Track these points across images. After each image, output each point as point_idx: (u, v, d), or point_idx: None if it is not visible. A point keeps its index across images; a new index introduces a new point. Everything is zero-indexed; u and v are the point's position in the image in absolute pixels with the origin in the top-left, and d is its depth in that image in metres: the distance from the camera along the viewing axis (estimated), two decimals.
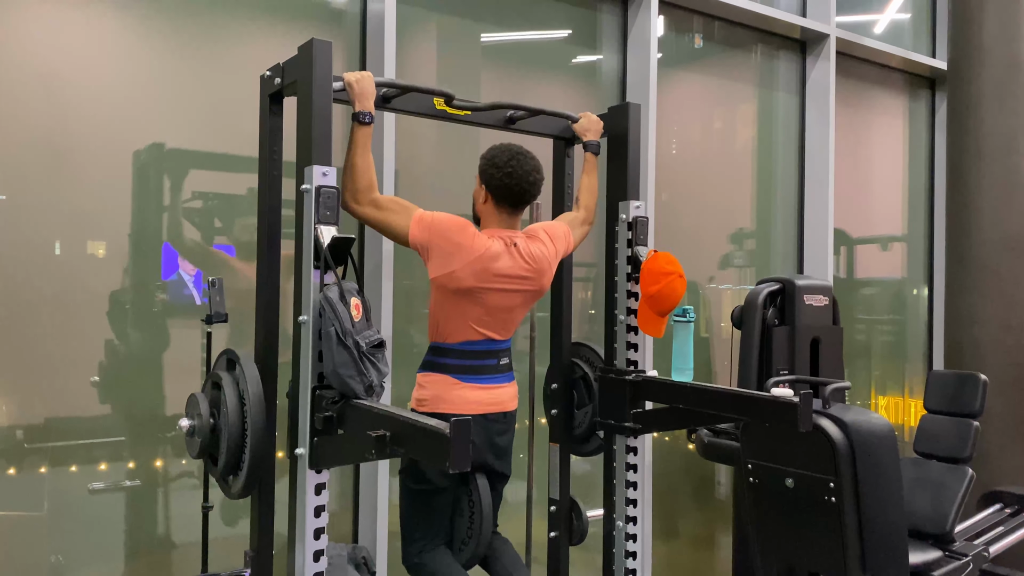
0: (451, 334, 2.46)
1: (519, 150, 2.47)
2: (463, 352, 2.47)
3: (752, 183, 4.69)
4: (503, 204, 2.48)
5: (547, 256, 2.53)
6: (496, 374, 2.52)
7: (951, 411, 3.64)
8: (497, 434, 2.52)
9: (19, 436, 2.72)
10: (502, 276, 2.42)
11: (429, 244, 2.37)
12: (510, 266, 2.44)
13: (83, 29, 2.80)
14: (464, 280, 2.37)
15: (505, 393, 2.55)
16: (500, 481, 2.63)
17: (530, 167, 2.46)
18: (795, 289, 3.58)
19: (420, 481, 2.49)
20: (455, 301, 2.42)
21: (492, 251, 2.40)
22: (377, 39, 3.17)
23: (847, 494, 2.78)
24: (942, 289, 5.19)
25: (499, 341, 2.53)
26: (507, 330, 2.54)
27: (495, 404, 2.50)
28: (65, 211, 2.76)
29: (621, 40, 4.04)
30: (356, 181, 2.29)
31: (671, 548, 4.32)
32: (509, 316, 2.51)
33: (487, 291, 2.41)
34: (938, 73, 5.44)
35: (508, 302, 2.47)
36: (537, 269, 2.50)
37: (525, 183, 2.45)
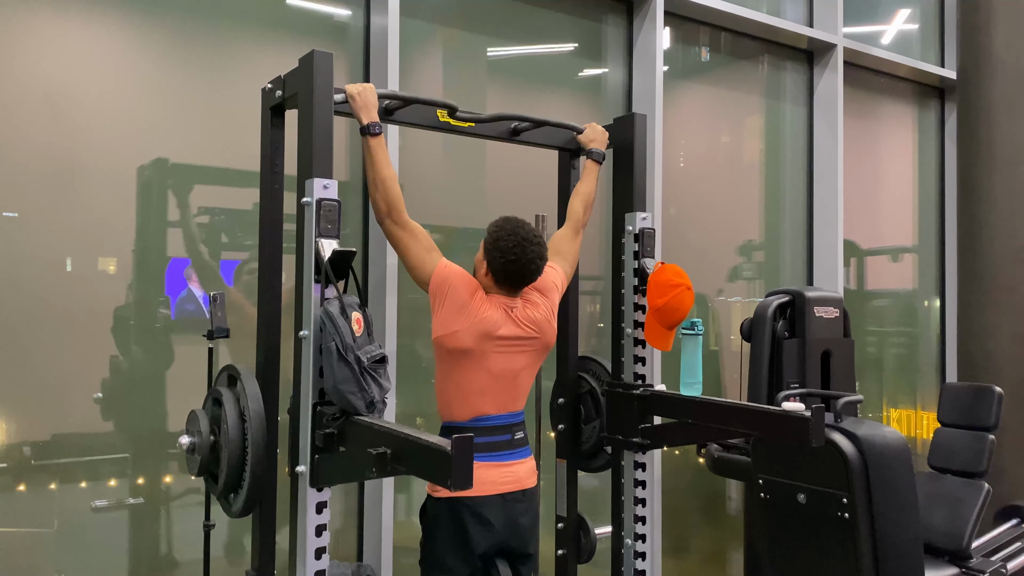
0: (461, 411, 2.39)
1: (525, 236, 2.37)
2: (475, 430, 2.34)
3: (760, 195, 4.66)
4: (503, 285, 2.41)
5: (545, 316, 2.48)
6: (511, 450, 2.42)
7: (966, 424, 3.58)
8: (519, 514, 2.39)
9: (26, 453, 2.69)
10: (503, 340, 2.37)
11: (445, 294, 2.32)
12: (511, 331, 2.39)
13: (88, 48, 2.80)
14: (464, 341, 2.31)
15: (522, 469, 2.44)
16: (524, 563, 2.47)
17: (534, 255, 2.37)
18: (805, 301, 3.54)
19: (445, 570, 2.36)
20: (458, 367, 2.35)
21: (492, 318, 2.35)
22: (380, 53, 3.16)
23: (861, 510, 2.73)
24: (954, 300, 5.14)
25: (511, 414, 2.44)
26: (517, 399, 2.46)
27: (512, 482, 2.39)
28: (71, 228, 2.74)
29: (627, 52, 4.02)
30: (389, 193, 2.27)
31: (681, 565, 4.25)
32: (516, 382, 2.44)
33: (488, 354, 2.35)
34: (947, 82, 5.40)
35: (512, 364, 2.41)
36: (540, 330, 2.45)
37: (527, 272, 2.38)
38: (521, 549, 2.43)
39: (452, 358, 2.35)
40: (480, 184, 3.65)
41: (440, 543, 2.35)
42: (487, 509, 2.32)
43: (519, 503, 2.40)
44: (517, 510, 2.39)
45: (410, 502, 3.41)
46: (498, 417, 2.41)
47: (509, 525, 2.37)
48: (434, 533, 2.37)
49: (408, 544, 3.38)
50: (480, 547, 2.32)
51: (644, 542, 2.77)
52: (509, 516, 2.37)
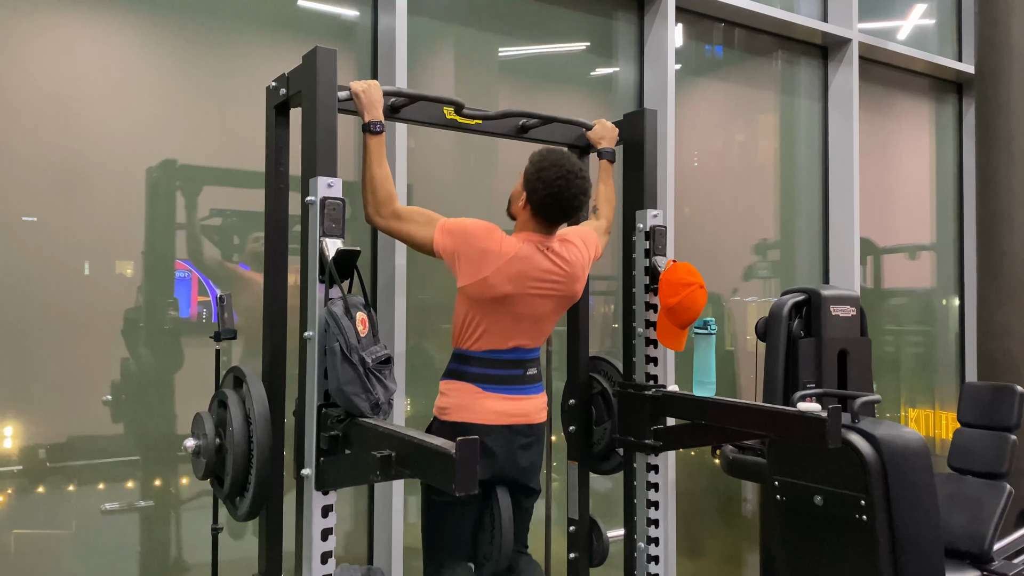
0: (476, 341, 2.35)
1: (570, 168, 2.30)
2: (488, 361, 2.35)
3: (775, 192, 4.60)
4: (540, 219, 2.36)
5: (581, 261, 2.43)
6: (523, 384, 2.40)
7: (987, 424, 3.52)
8: (522, 448, 2.39)
9: (40, 456, 2.68)
10: (535, 279, 2.31)
11: (456, 251, 2.27)
12: (544, 268, 2.33)
13: (97, 51, 2.79)
14: (499, 286, 2.26)
15: (532, 405, 2.42)
16: (527, 496, 2.49)
17: (578, 190, 2.30)
18: (821, 300, 3.49)
19: (442, 493, 2.38)
20: (484, 308, 2.32)
21: (523, 252, 2.30)
22: (388, 52, 3.13)
23: (879, 512, 2.68)
24: (974, 299, 5.05)
25: (527, 350, 2.41)
26: (536, 339, 2.43)
27: (520, 416, 2.38)
28: (83, 231, 2.73)
29: (638, 50, 3.97)
30: (376, 193, 2.23)
31: (697, 566, 4.20)
32: (539, 325, 2.41)
33: (520, 297, 2.30)
34: (965, 77, 5.31)
35: (539, 309, 2.36)
36: (570, 274, 2.39)
37: (569, 207, 2.32)
38: (523, 481, 2.43)
39: (480, 300, 2.31)
40: (490, 184, 3.62)
41: None
42: (491, 438, 2.32)
43: (525, 437, 2.39)
44: (522, 444, 2.39)
45: (420, 504, 3.38)
46: (513, 351, 2.38)
47: (512, 456, 2.36)
48: None
49: (419, 546, 3.36)
50: (481, 474, 2.27)
51: (657, 545, 2.72)
52: (513, 448, 2.37)
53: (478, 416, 2.32)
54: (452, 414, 2.35)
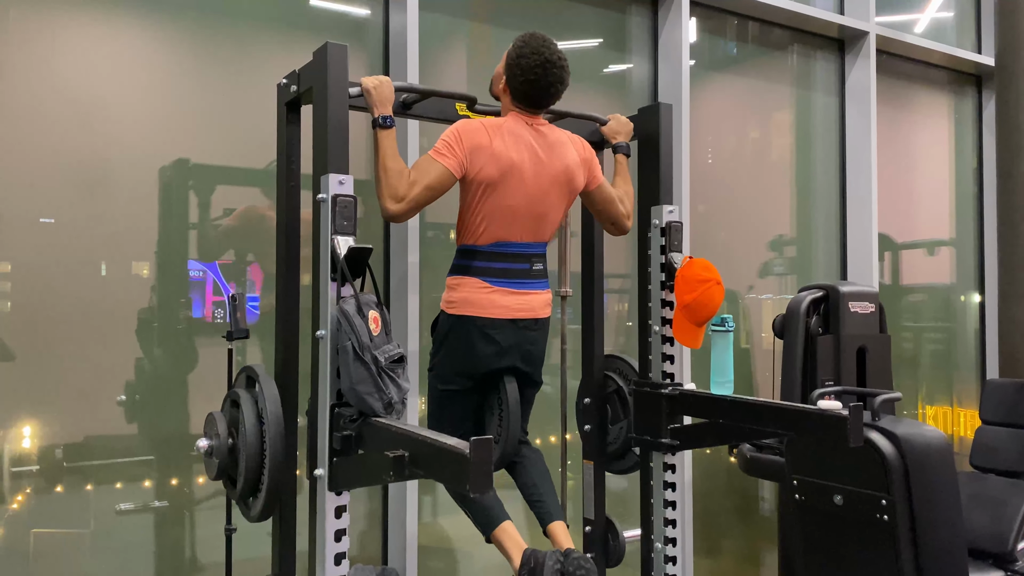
0: (481, 235, 2.34)
1: (549, 57, 2.31)
2: (494, 254, 2.35)
3: (791, 188, 4.54)
4: (520, 102, 2.38)
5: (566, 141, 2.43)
6: (528, 279, 2.39)
7: (1010, 422, 3.48)
8: (528, 342, 2.40)
9: (57, 455, 2.68)
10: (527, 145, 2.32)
11: (468, 151, 2.26)
12: (532, 135, 2.35)
13: (113, 52, 2.78)
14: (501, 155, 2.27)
15: (537, 300, 2.42)
16: (531, 388, 2.51)
17: (555, 78, 2.33)
18: (839, 296, 3.44)
19: (447, 381, 2.41)
20: (489, 195, 2.30)
21: (509, 123, 2.33)
22: (400, 50, 3.11)
23: (901, 512, 2.63)
24: (994, 294, 4.98)
25: (532, 244, 2.40)
26: (540, 232, 2.42)
27: (526, 310, 2.38)
28: (99, 232, 2.73)
29: (652, 45, 3.93)
30: (393, 183, 2.19)
31: (714, 566, 4.16)
32: (543, 218, 2.39)
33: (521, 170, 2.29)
34: (984, 69, 5.23)
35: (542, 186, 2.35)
36: (559, 141, 2.40)
37: (545, 94, 2.35)
38: (528, 371, 2.43)
39: (478, 189, 2.30)
40: None
41: (447, 357, 2.40)
42: (497, 331, 2.33)
43: (530, 331, 2.40)
44: (528, 337, 2.40)
45: (435, 504, 3.36)
46: (519, 244, 2.38)
47: (518, 348, 2.38)
48: (443, 345, 2.40)
49: (433, 545, 3.34)
50: (484, 365, 2.34)
51: (674, 546, 2.68)
52: (519, 340, 2.37)
53: (485, 310, 2.33)
54: (459, 307, 2.35)
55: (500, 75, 2.42)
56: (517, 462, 2.50)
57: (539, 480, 2.47)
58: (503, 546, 2.26)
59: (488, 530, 2.29)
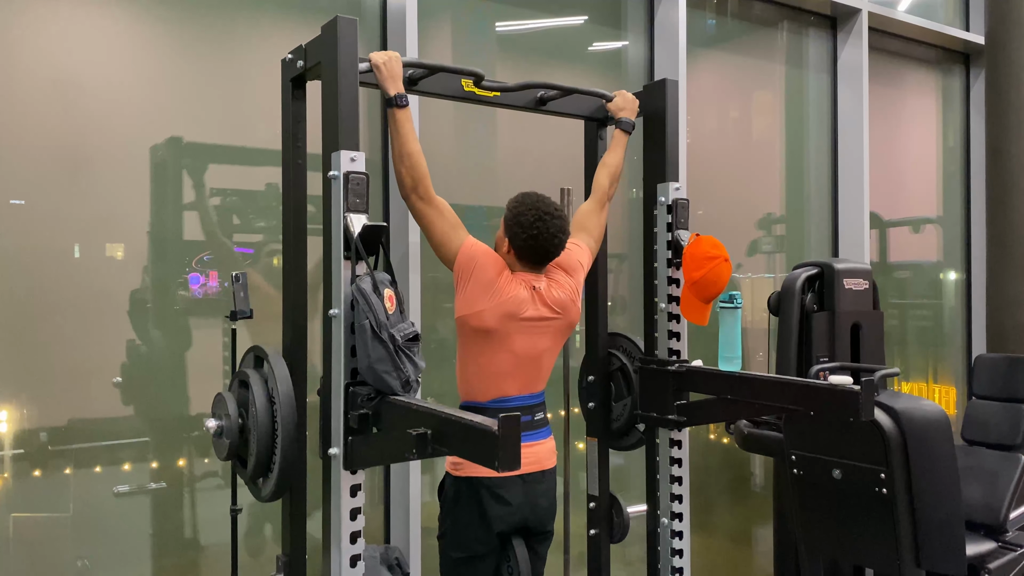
0: (483, 392, 2.33)
1: (547, 210, 2.31)
2: (495, 411, 2.23)
3: (781, 166, 4.55)
4: (525, 261, 2.35)
5: (570, 297, 2.41)
6: (532, 431, 2.36)
7: (1000, 396, 3.53)
8: (539, 495, 2.36)
9: (43, 439, 2.64)
10: (527, 320, 2.30)
11: (471, 272, 2.25)
12: (536, 311, 2.32)
13: (95, 27, 2.71)
14: (488, 320, 2.25)
15: (542, 450, 2.39)
16: (542, 542, 2.45)
17: (556, 228, 2.31)
18: (835, 273, 3.45)
19: (461, 548, 2.33)
20: (481, 347, 2.29)
21: (519, 297, 2.29)
22: (398, 27, 3.06)
23: (899, 485, 2.67)
24: (981, 272, 5.04)
25: (532, 395, 2.39)
26: (539, 381, 2.41)
27: (533, 463, 2.34)
28: (84, 212, 2.68)
29: (648, 23, 3.91)
30: (416, 168, 2.17)
31: (707, 542, 4.20)
32: (539, 363, 2.38)
33: (511, 335, 2.28)
34: (972, 47, 5.27)
35: (535, 345, 2.34)
36: (563, 310, 2.38)
37: (550, 246, 2.32)
38: (539, 528, 2.39)
39: (475, 337, 2.29)
40: (500, 159, 3.57)
41: (458, 521, 2.33)
42: (506, 489, 2.29)
43: (539, 484, 2.36)
44: (537, 491, 2.35)
45: (435, 482, 3.36)
46: (519, 398, 2.35)
47: (528, 505, 2.33)
48: (452, 511, 2.34)
49: (435, 524, 3.34)
50: (498, 526, 2.29)
51: (681, 521, 2.71)
52: (528, 496, 2.33)
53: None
54: (466, 469, 2.31)
55: (502, 238, 2.38)
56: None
57: None
58: None
59: None
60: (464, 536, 2.32)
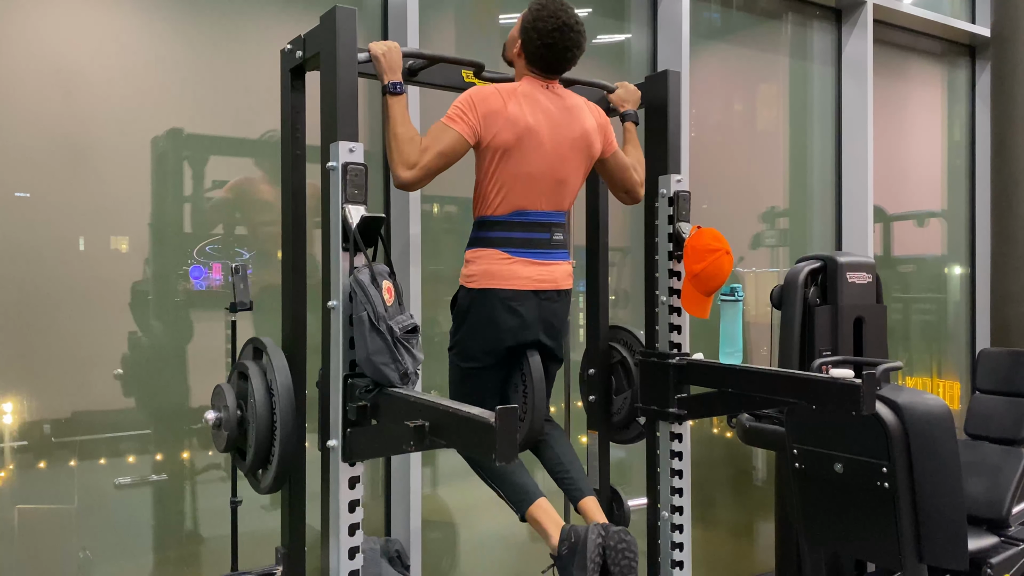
0: (499, 204, 2.28)
1: (566, 20, 2.25)
2: (513, 224, 2.29)
3: (785, 159, 4.53)
4: (533, 67, 2.33)
5: (582, 106, 2.37)
6: (549, 249, 2.34)
7: (1004, 391, 3.51)
8: (551, 313, 2.34)
9: (46, 431, 2.64)
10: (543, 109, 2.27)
11: (482, 117, 2.20)
12: (547, 98, 2.30)
13: (96, 19, 2.70)
14: (517, 121, 2.21)
15: (559, 270, 2.36)
16: (553, 363, 2.45)
17: (571, 42, 2.27)
18: (837, 267, 3.44)
19: (470, 358, 2.34)
20: (506, 161, 2.25)
21: (524, 88, 2.28)
22: (399, 18, 3.05)
23: (901, 479, 2.65)
24: (984, 265, 5.01)
25: (552, 212, 2.35)
26: (560, 200, 2.36)
27: (548, 281, 2.33)
28: (87, 204, 2.68)
29: (651, 14, 3.89)
30: (404, 149, 2.14)
31: (707, 536, 4.20)
32: (563, 184, 2.34)
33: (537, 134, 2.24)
34: (978, 40, 5.23)
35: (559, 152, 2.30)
36: (575, 106, 2.35)
37: (562, 59, 2.29)
38: (552, 345, 2.39)
39: (495, 156, 2.25)
40: None
41: (469, 332, 2.32)
42: (520, 303, 2.28)
43: (553, 302, 2.35)
44: (551, 309, 2.35)
45: (436, 475, 3.36)
46: (539, 213, 2.32)
47: (541, 321, 2.33)
48: (464, 322, 2.33)
49: (436, 518, 3.34)
50: (508, 339, 2.28)
51: (681, 514, 2.70)
52: (542, 312, 2.32)
53: (506, 282, 2.27)
54: (480, 281, 2.29)
55: (515, 38, 2.36)
56: (541, 440, 2.46)
57: (565, 457, 2.43)
58: (539, 523, 2.20)
59: (523, 508, 2.23)
60: (475, 346, 2.32)
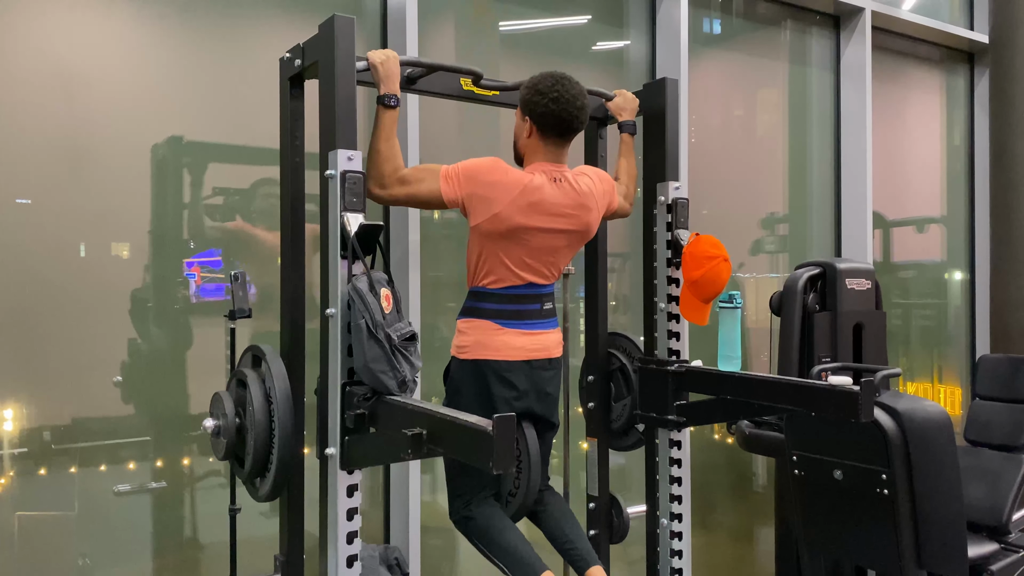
0: (491, 278, 2.31)
1: (562, 75, 2.27)
2: (505, 296, 2.30)
3: (784, 166, 4.54)
4: (549, 134, 2.29)
5: (595, 193, 2.37)
6: (540, 319, 2.35)
7: (1004, 397, 3.51)
8: (544, 382, 2.35)
9: (46, 437, 2.64)
10: (546, 211, 2.26)
11: (467, 195, 2.21)
12: (555, 197, 2.27)
13: (98, 26, 2.71)
14: (509, 219, 2.21)
15: (550, 339, 2.38)
16: (548, 431, 2.46)
17: (576, 91, 2.26)
18: (836, 273, 3.44)
19: None
20: (496, 244, 2.26)
21: (534, 183, 2.24)
22: (399, 29, 3.06)
23: (901, 486, 2.65)
24: (984, 271, 5.01)
25: (542, 285, 2.36)
26: (551, 274, 2.38)
27: (540, 350, 2.34)
28: (87, 211, 2.68)
29: (649, 21, 3.89)
30: (380, 167, 2.16)
31: (708, 540, 4.19)
32: (553, 259, 2.35)
33: (532, 230, 2.25)
34: (977, 47, 5.23)
35: (552, 242, 2.31)
36: (583, 204, 2.33)
37: (573, 108, 2.25)
38: (546, 416, 2.39)
39: (490, 236, 2.25)
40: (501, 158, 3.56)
41: (464, 405, 2.30)
42: (513, 374, 2.28)
43: (545, 371, 2.36)
44: (543, 378, 2.35)
45: (435, 482, 3.36)
46: (530, 287, 2.33)
47: (535, 391, 2.33)
48: (458, 394, 2.34)
49: (435, 524, 3.34)
50: (504, 410, 2.24)
51: (680, 521, 2.70)
52: (535, 382, 2.33)
53: (499, 352, 2.28)
54: (472, 352, 2.30)
55: (521, 123, 2.35)
56: (540, 510, 2.46)
57: (566, 525, 2.43)
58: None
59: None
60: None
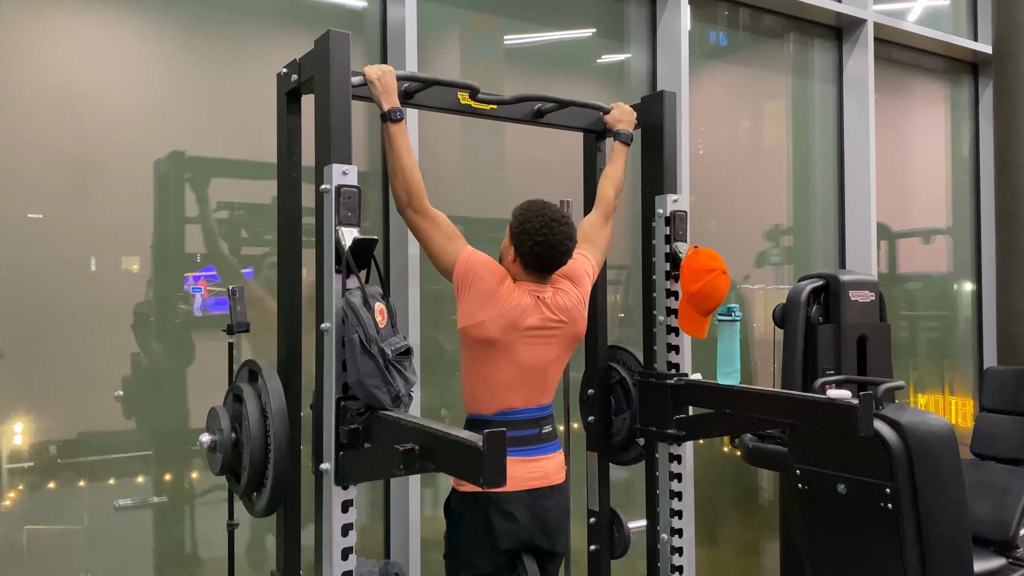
0: (487, 404, 2.30)
1: (553, 216, 2.27)
2: (502, 423, 2.25)
3: (788, 178, 4.53)
4: (532, 270, 2.32)
5: (576, 305, 2.38)
6: (539, 444, 2.32)
7: (1011, 410, 3.49)
8: (547, 511, 2.30)
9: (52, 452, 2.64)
10: (531, 329, 2.27)
11: (470, 283, 2.23)
12: (540, 320, 2.29)
13: (103, 44, 2.74)
14: (490, 331, 2.22)
15: (550, 464, 2.34)
16: (552, 561, 2.38)
17: (563, 235, 2.27)
18: (840, 285, 3.43)
19: (467, 566, 2.28)
20: (485, 359, 2.26)
21: (522, 305, 2.25)
22: (398, 41, 3.07)
23: (905, 500, 2.63)
24: (991, 282, 4.98)
25: (539, 408, 2.35)
26: (546, 392, 2.37)
27: (540, 478, 2.30)
28: (92, 227, 2.69)
29: (650, 34, 3.90)
30: (409, 181, 2.18)
31: (713, 556, 4.16)
32: (545, 375, 2.34)
33: (515, 345, 2.25)
34: (981, 57, 5.23)
35: (541, 356, 2.31)
36: (568, 322, 2.35)
37: (556, 252, 2.28)
38: (549, 547, 2.33)
39: (479, 349, 2.26)
40: (501, 172, 3.56)
41: (464, 538, 2.28)
42: (513, 505, 2.24)
43: (547, 499, 2.31)
44: (545, 507, 2.30)
45: (436, 496, 3.35)
46: (526, 411, 2.32)
47: (536, 522, 2.28)
48: (458, 528, 2.30)
49: (436, 538, 3.32)
50: (505, 543, 2.24)
51: (681, 536, 2.68)
52: (536, 512, 2.28)
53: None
54: (470, 484, 2.21)
55: (507, 248, 2.35)
56: None
57: None
58: None
59: None
60: (470, 554, 2.27)
